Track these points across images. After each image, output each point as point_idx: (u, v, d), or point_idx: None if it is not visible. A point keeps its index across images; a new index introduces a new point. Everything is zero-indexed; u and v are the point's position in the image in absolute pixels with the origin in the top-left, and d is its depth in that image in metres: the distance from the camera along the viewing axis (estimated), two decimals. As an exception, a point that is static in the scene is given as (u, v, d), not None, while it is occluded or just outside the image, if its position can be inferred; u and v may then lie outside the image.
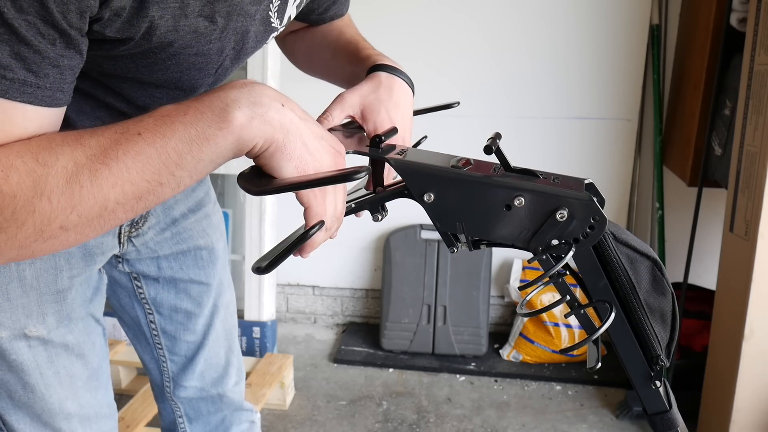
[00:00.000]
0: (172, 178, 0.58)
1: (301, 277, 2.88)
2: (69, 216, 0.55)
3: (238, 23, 0.71)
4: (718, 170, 2.04)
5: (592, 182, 0.65)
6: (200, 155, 0.57)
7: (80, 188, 0.55)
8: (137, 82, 0.75)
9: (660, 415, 0.70)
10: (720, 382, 1.91)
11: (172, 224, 1.02)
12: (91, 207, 0.56)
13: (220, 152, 0.58)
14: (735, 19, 1.94)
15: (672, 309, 0.70)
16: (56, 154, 0.55)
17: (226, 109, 0.57)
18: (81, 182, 0.55)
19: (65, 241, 0.57)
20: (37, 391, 0.87)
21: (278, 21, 0.79)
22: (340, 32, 1.00)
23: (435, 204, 0.65)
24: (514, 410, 2.27)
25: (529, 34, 2.50)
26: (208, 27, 0.68)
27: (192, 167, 0.58)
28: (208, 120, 0.57)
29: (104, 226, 0.58)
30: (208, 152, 0.58)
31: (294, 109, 0.62)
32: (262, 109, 0.59)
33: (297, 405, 2.28)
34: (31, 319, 0.84)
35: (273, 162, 0.61)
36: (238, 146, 0.59)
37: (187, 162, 0.57)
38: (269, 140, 0.59)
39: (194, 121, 0.57)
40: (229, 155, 0.59)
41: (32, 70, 0.55)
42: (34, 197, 0.54)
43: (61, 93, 0.58)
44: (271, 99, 0.60)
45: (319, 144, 0.63)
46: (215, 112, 0.57)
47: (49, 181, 0.54)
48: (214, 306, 1.10)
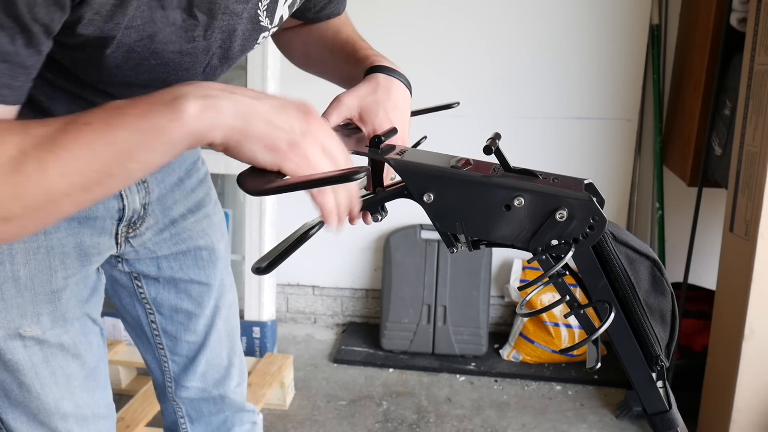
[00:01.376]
0: (122, 169, 0.56)
1: (301, 277, 2.88)
2: (12, 207, 0.54)
3: (223, 22, 0.71)
4: (718, 170, 2.04)
5: (591, 182, 0.65)
6: (151, 147, 0.56)
7: (26, 178, 0.53)
8: (126, 84, 0.75)
9: (660, 415, 0.70)
10: (720, 382, 1.91)
11: (171, 225, 1.01)
12: (36, 197, 0.54)
13: (172, 144, 0.57)
14: (735, 19, 1.94)
15: (672, 309, 0.70)
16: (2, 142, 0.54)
17: (176, 101, 0.56)
18: (27, 172, 0.53)
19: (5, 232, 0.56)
20: (32, 390, 0.87)
21: (268, 20, 0.78)
22: (337, 31, 0.99)
23: (435, 204, 0.65)
24: (514, 410, 2.27)
25: (529, 34, 2.50)
26: (188, 21, 0.67)
27: (143, 160, 0.57)
28: (158, 112, 0.56)
29: (47, 219, 0.57)
30: (159, 145, 0.56)
31: (245, 92, 0.60)
32: (213, 100, 0.57)
33: (297, 405, 2.29)
34: (25, 319, 0.84)
35: (243, 151, 0.59)
36: (192, 138, 0.57)
37: (138, 154, 0.56)
38: (228, 129, 0.58)
39: (145, 113, 0.56)
40: (182, 148, 0.58)
41: None
42: None
43: (8, 89, 0.57)
44: (220, 90, 0.59)
45: (284, 116, 0.61)
46: (166, 105, 0.56)
47: None
48: (215, 306, 1.10)
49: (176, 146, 0.57)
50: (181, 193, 1.02)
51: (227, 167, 2.33)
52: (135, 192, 0.93)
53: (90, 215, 0.88)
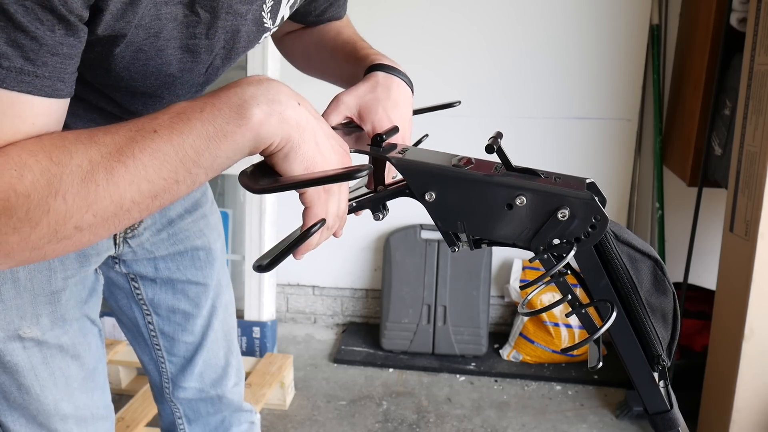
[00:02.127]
0: (188, 175, 0.57)
1: (301, 277, 2.88)
2: (84, 216, 0.54)
3: (227, 22, 0.70)
4: (718, 170, 2.04)
5: (593, 182, 0.65)
6: (217, 152, 0.56)
7: (96, 187, 0.54)
8: (130, 91, 0.74)
9: (661, 415, 0.70)
10: (720, 382, 1.91)
11: (168, 225, 1.01)
12: (107, 206, 0.55)
13: (238, 149, 0.57)
14: (735, 19, 1.94)
15: (673, 309, 0.70)
16: (70, 153, 0.54)
17: (244, 106, 0.57)
18: (97, 181, 0.54)
19: (79, 241, 0.56)
20: (32, 392, 0.87)
21: (271, 21, 0.78)
22: (338, 32, 0.99)
23: (436, 203, 0.65)
24: (514, 410, 2.27)
25: (529, 34, 2.50)
26: (190, 17, 0.67)
27: (209, 164, 0.57)
28: (225, 116, 0.56)
29: (118, 225, 0.57)
30: (225, 149, 0.57)
31: (308, 108, 0.61)
32: (280, 107, 0.58)
33: (297, 405, 2.28)
34: (25, 320, 0.84)
35: (286, 162, 0.60)
36: (255, 143, 0.58)
37: (204, 159, 0.56)
38: (285, 139, 0.59)
39: (211, 118, 0.56)
40: (246, 152, 0.58)
41: (30, 58, 0.53)
42: (48, 196, 0.52)
43: (61, 83, 0.57)
44: (288, 97, 0.59)
45: (329, 144, 0.62)
46: (233, 109, 0.56)
47: (64, 180, 0.53)
48: (212, 307, 1.10)
49: (242, 150, 0.58)
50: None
51: (227, 167, 2.33)
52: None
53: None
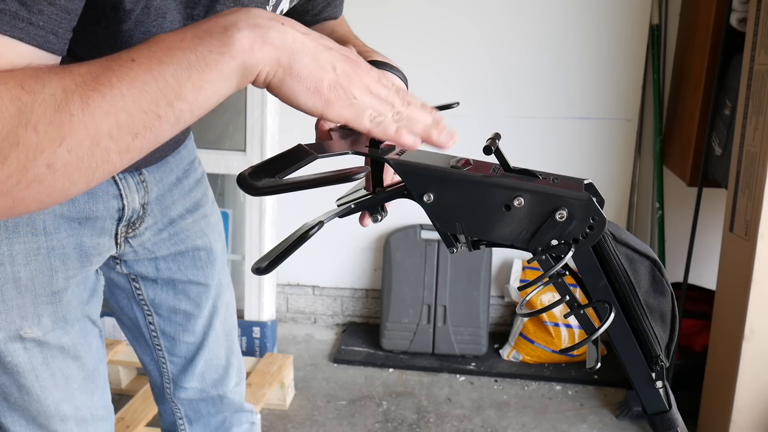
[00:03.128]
0: (170, 109, 0.53)
1: (301, 277, 2.88)
2: (57, 150, 0.50)
3: (226, 7, 0.70)
4: (718, 170, 2.04)
5: (591, 182, 0.65)
6: (201, 83, 0.53)
7: (70, 117, 0.50)
8: None
9: (660, 415, 0.70)
10: (720, 382, 1.91)
11: (170, 225, 1.01)
12: (82, 140, 0.51)
13: (223, 79, 0.54)
14: (735, 19, 1.94)
15: (672, 309, 0.70)
16: (43, 81, 0.51)
17: (225, 33, 0.54)
18: (71, 110, 0.50)
19: (51, 186, 0.51)
20: (32, 393, 0.87)
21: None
22: (332, 30, 1.00)
23: (434, 204, 0.65)
24: (514, 410, 2.27)
25: (529, 34, 2.50)
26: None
27: (192, 98, 0.54)
28: (207, 44, 0.53)
29: (96, 170, 0.53)
30: (209, 80, 0.54)
31: (295, 25, 0.58)
32: (262, 30, 0.55)
33: (297, 405, 2.28)
34: (26, 320, 0.84)
35: (285, 89, 0.57)
36: (242, 72, 0.55)
37: (187, 91, 0.53)
38: (275, 63, 0.56)
39: (192, 46, 0.53)
40: (234, 84, 0.56)
41: (26, 3, 0.51)
42: (18, 127, 0.49)
43: (54, 36, 0.55)
44: (269, 19, 0.56)
45: (329, 55, 0.58)
46: (214, 36, 0.54)
47: (35, 109, 0.49)
48: (213, 307, 1.10)
49: (227, 81, 0.55)
50: (179, 192, 1.02)
51: (227, 167, 2.33)
52: (134, 191, 0.93)
53: (90, 215, 0.88)
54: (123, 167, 0.55)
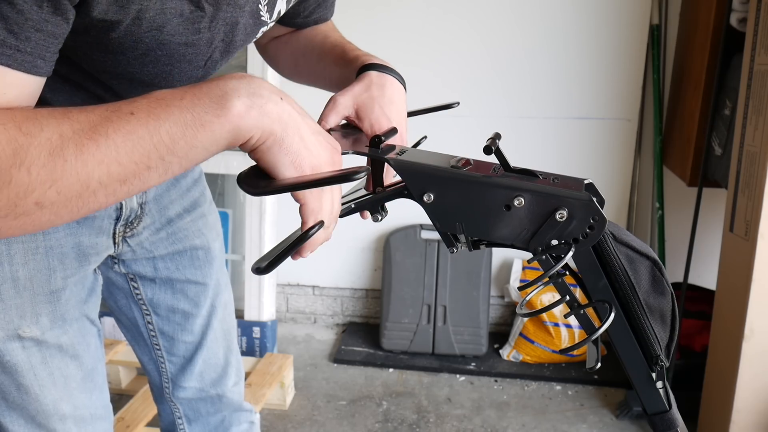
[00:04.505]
0: (161, 162, 0.56)
1: (301, 277, 2.88)
2: (47, 191, 0.52)
3: (227, 13, 0.71)
4: (718, 170, 2.04)
5: (591, 182, 0.65)
6: (194, 141, 0.56)
7: (63, 162, 0.52)
8: (128, 78, 0.74)
9: (660, 415, 0.70)
10: (720, 382, 1.91)
11: (168, 224, 1.01)
12: (72, 184, 0.53)
13: (215, 140, 0.57)
14: (735, 19, 1.94)
15: (672, 309, 0.70)
16: (41, 125, 0.52)
17: (224, 97, 0.56)
18: (65, 156, 0.52)
19: (38, 220, 0.54)
20: (31, 392, 0.87)
21: (268, 15, 0.79)
22: (325, 36, 1.00)
23: (435, 204, 0.65)
24: (514, 410, 2.27)
25: (529, 34, 2.50)
26: (195, 12, 0.67)
27: (183, 153, 0.56)
28: (205, 106, 0.56)
29: (81, 208, 0.55)
30: (202, 139, 0.56)
31: (292, 104, 0.61)
32: (261, 101, 0.58)
33: (297, 405, 2.28)
34: (24, 320, 0.84)
35: (269, 156, 0.60)
36: (234, 136, 0.57)
37: (179, 147, 0.55)
38: (267, 132, 0.58)
39: (191, 106, 0.55)
40: (224, 145, 0.58)
41: (13, 31, 0.53)
42: (12, 167, 0.51)
43: (42, 61, 0.56)
44: (270, 92, 0.59)
45: (315, 139, 0.62)
46: (213, 99, 0.56)
47: (30, 151, 0.51)
48: (211, 306, 1.10)
49: (218, 142, 0.57)
50: (177, 192, 1.02)
51: (227, 167, 2.33)
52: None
53: (88, 215, 0.88)
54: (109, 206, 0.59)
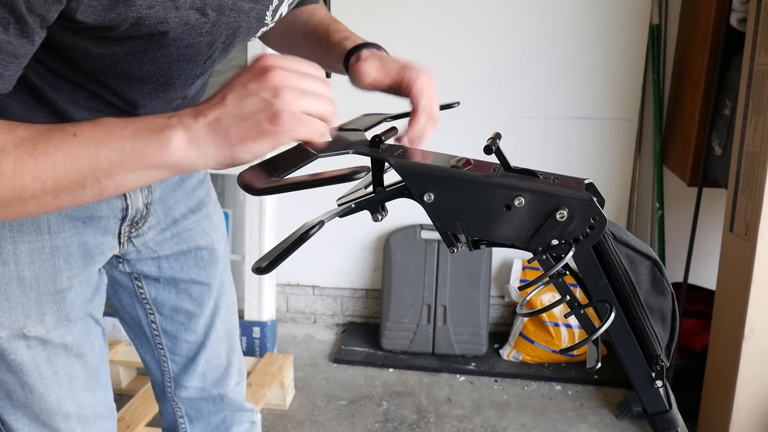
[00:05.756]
0: (96, 184, 0.58)
1: (301, 277, 2.88)
2: None
3: (230, 18, 0.71)
4: (718, 170, 2.04)
5: (592, 182, 0.65)
6: (132, 169, 0.58)
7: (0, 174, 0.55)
8: (126, 77, 0.75)
9: (660, 415, 0.70)
10: (720, 382, 1.91)
11: (173, 224, 1.02)
12: (6, 195, 0.55)
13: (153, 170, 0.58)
14: (735, 19, 1.94)
15: (672, 309, 0.70)
16: None
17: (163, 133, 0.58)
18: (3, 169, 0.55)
19: None
20: (35, 391, 0.87)
21: (271, 18, 0.79)
22: (311, 14, 1.00)
23: (435, 204, 0.65)
24: (514, 410, 2.27)
25: (529, 34, 2.50)
26: (200, 20, 0.67)
27: (120, 180, 0.58)
28: (145, 139, 0.57)
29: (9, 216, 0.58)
30: (140, 169, 0.58)
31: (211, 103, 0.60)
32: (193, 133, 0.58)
33: (297, 405, 2.29)
34: (30, 319, 0.84)
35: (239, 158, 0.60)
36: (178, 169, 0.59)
37: (116, 173, 0.57)
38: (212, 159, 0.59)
39: (132, 137, 0.57)
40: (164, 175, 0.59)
41: None
42: None
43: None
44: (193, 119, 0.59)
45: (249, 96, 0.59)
46: (153, 134, 0.57)
47: None
48: (215, 306, 1.10)
49: (157, 173, 0.59)
50: (182, 192, 1.02)
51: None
52: (138, 191, 0.94)
53: (94, 215, 0.89)
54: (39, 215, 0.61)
